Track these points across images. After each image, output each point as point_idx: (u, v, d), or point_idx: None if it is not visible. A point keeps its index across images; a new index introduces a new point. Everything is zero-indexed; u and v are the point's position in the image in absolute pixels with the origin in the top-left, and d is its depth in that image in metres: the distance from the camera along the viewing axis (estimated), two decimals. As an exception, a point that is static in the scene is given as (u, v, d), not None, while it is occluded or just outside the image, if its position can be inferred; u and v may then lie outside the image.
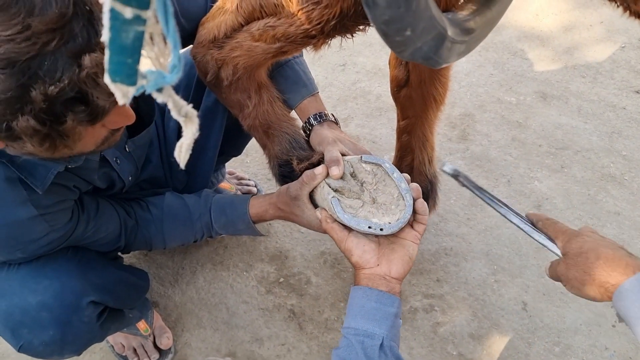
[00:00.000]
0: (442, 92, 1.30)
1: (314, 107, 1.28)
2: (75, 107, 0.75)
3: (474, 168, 1.95)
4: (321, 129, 1.24)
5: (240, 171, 1.96)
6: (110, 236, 1.25)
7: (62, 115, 0.75)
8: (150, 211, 1.32)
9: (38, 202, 1.00)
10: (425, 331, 1.58)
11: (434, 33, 0.53)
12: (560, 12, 2.55)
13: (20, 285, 1.09)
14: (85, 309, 1.13)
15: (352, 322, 0.99)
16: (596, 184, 1.90)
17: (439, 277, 1.69)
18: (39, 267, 1.10)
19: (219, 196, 1.36)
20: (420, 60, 0.57)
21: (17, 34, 0.68)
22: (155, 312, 1.59)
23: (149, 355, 1.53)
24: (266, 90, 1.21)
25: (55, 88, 0.72)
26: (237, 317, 1.63)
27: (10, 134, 0.75)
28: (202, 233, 1.34)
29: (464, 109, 2.16)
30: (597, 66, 2.31)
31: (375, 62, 2.36)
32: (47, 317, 1.08)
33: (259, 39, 0.99)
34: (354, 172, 1.11)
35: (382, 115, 2.15)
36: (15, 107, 0.72)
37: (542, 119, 2.11)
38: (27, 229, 1.02)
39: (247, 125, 1.23)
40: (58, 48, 0.71)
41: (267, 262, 1.75)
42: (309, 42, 0.97)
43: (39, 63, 0.70)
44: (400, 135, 1.45)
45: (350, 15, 0.87)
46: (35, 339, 1.09)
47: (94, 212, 1.19)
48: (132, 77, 0.33)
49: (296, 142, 1.22)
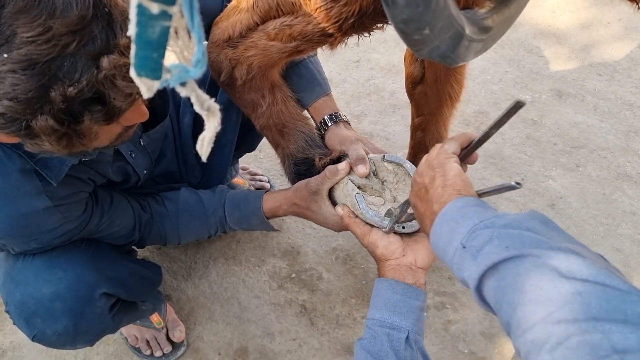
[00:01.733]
0: (458, 90, 1.30)
1: (329, 107, 1.29)
2: (93, 107, 0.77)
3: (487, 166, 1.94)
4: (338, 129, 1.25)
5: (253, 167, 1.97)
6: (125, 230, 1.26)
7: (80, 115, 0.77)
8: (165, 206, 1.33)
9: (52, 194, 1.02)
10: (436, 329, 1.58)
11: (452, 32, 0.53)
12: (577, 9, 2.53)
13: (35, 276, 1.10)
14: (97, 300, 1.15)
15: (377, 313, 0.99)
16: (611, 183, 1.88)
17: (451, 275, 1.69)
18: (53, 258, 1.11)
19: (233, 192, 1.36)
20: (437, 59, 0.57)
21: (38, 35, 0.70)
22: (168, 305, 1.60)
23: (162, 347, 1.54)
24: (279, 89, 1.21)
25: (74, 89, 0.73)
26: (248, 311, 1.64)
27: (29, 132, 0.77)
28: (216, 228, 1.35)
29: (478, 106, 2.14)
30: (615, 64, 2.28)
31: (390, 58, 2.35)
32: (60, 307, 1.10)
33: (275, 38, 0.99)
34: (376, 171, 1.13)
35: (395, 112, 2.14)
36: (35, 107, 0.73)
37: (557, 117, 2.09)
38: (42, 220, 1.04)
39: (260, 124, 1.23)
40: (77, 50, 0.72)
41: (279, 258, 1.75)
42: (326, 40, 0.96)
43: (59, 64, 0.72)
44: (415, 133, 1.44)
45: (369, 13, 0.87)
46: (49, 329, 1.11)
47: (108, 205, 1.21)
48: (157, 71, 0.33)
49: (312, 140, 1.23)
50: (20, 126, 0.75)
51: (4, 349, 1.58)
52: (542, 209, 1.81)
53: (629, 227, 1.75)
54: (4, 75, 0.71)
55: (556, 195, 1.85)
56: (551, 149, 1.99)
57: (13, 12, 0.69)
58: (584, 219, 1.78)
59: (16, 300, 1.11)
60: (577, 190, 1.87)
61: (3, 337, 1.60)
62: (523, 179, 1.90)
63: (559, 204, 1.83)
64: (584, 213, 1.80)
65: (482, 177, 1.91)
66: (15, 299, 1.11)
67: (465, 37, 0.56)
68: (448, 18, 0.50)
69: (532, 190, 1.87)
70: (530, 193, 1.86)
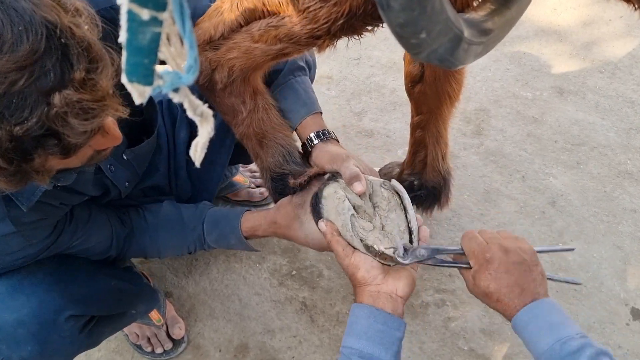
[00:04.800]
0: (457, 89, 1.30)
1: (316, 124, 1.23)
2: (47, 142, 0.73)
3: (488, 163, 1.94)
4: (326, 146, 1.18)
5: (253, 164, 1.97)
6: (101, 246, 1.23)
7: (31, 153, 0.73)
8: (146, 219, 1.31)
9: (17, 219, 0.98)
10: (436, 326, 1.58)
11: (450, 35, 0.53)
12: (578, 7, 2.52)
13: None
14: (64, 324, 1.11)
15: (356, 343, 0.94)
16: (612, 180, 1.88)
17: (451, 272, 1.69)
18: (17, 283, 1.08)
19: (214, 209, 1.33)
20: (436, 62, 0.56)
21: None
22: (168, 302, 1.61)
23: (162, 344, 1.55)
24: (261, 96, 1.16)
25: (21, 129, 0.69)
26: (249, 308, 1.65)
27: None
28: (194, 245, 1.32)
29: (479, 104, 2.14)
30: (616, 61, 2.27)
31: (390, 56, 2.35)
32: (24, 333, 1.07)
33: (259, 39, 0.95)
34: (372, 194, 1.08)
35: (396, 110, 2.14)
36: None
37: (558, 115, 2.09)
38: (3, 244, 1.01)
39: (240, 133, 1.18)
40: (27, 86, 0.68)
41: (279, 255, 1.76)
42: (313, 42, 0.93)
43: (7, 103, 0.68)
44: (414, 131, 1.44)
45: (359, 14, 0.84)
46: (15, 355, 1.07)
47: (83, 222, 1.17)
48: (148, 77, 0.34)
49: (290, 155, 1.18)
50: None
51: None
52: (542, 207, 1.81)
53: (630, 225, 1.75)
54: None
55: (557, 192, 1.85)
56: (552, 147, 1.99)
57: None
58: (584, 216, 1.78)
59: None
60: (577, 187, 1.87)
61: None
62: (524, 177, 1.90)
63: (560, 201, 1.83)
64: (585, 211, 1.80)
65: (483, 174, 1.91)
66: None
67: (464, 40, 0.56)
68: (445, 21, 0.50)
69: (533, 188, 1.87)
70: (530, 190, 1.86)
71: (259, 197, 1.87)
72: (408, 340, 1.56)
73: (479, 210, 1.82)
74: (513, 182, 1.89)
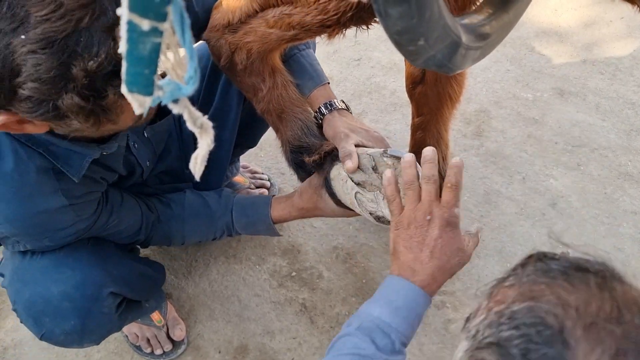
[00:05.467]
0: (458, 91, 1.30)
1: (323, 96, 1.27)
2: (115, 80, 0.77)
3: (488, 165, 1.94)
4: (332, 119, 1.23)
5: (254, 165, 1.97)
6: (131, 229, 1.27)
7: (104, 90, 0.77)
8: (171, 207, 1.34)
9: (69, 193, 1.03)
10: (436, 328, 1.58)
11: (447, 41, 0.53)
12: (579, 7, 2.51)
13: (43, 275, 1.11)
14: (105, 299, 1.15)
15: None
16: (613, 182, 1.88)
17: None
18: (61, 258, 1.12)
19: (239, 197, 1.37)
20: (434, 68, 0.56)
21: (52, 12, 0.70)
22: (169, 303, 1.61)
23: (162, 345, 1.55)
24: (280, 74, 1.21)
25: (94, 63, 0.74)
26: (249, 309, 1.65)
27: (57, 113, 0.77)
28: (222, 232, 1.37)
29: (480, 105, 2.14)
30: (617, 63, 2.27)
31: (391, 57, 2.35)
32: (69, 306, 1.11)
33: (274, 25, 0.99)
34: (376, 166, 1.11)
35: (396, 111, 2.14)
36: (59, 86, 0.74)
37: (559, 116, 2.09)
38: (56, 218, 1.05)
39: (260, 109, 1.23)
40: (91, 24, 0.73)
41: (279, 256, 1.76)
42: (324, 31, 0.97)
43: (76, 40, 0.72)
44: (415, 132, 1.44)
45: (368, 7, 0.87)
46: (57, 328, 1.12)
47: (117, 204, 1.22)
48: (149, 87, 0.33)
49: (308, 128, 1.22)
50: (48, 108, 0.76)
51: (5, 346, 1.59)
52: (543, 208, 1.81)
53: (630, 227, 1.75)
54: (24, 57, 0.71)
55: (557, 194, 1.85)
56: (552, 148, 1.99)
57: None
58: (585, 218, 1.78)
59: (25, 299, 1.12)
60: (578, 189, 1.86)
61: (4, 335, 1.61)
62: (524, 178, 1.90)
63: (560, 203, 1.83)
64: (585, 212, 1.80)
65: (483, 175, 1.91)
66: (24, 298, 1.12)
67: (462, 45, 0.56)
68: (443, 28, 0.50)
69: (533, 190, 1.87)
70: (531, 192, 1.86)
71: (258, 198, 1.87)
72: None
73: (479, 212, 1.82)
74: (513, 184, 1.89)
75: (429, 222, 0.94)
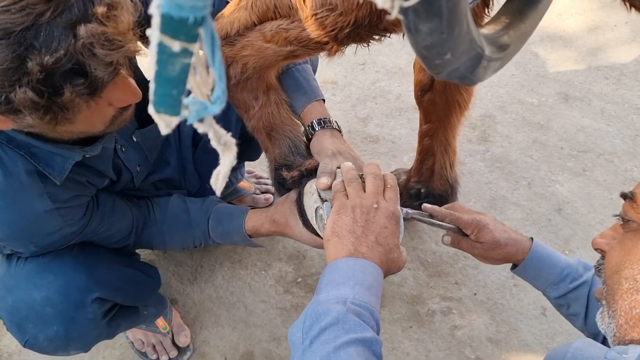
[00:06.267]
0: (467, 98, 1.29)
1: (318, 112, 1.24)
2: (74, 79, 0.76)
3: (494, 170, 1.94)
4: (323, 137, 1.19)
5: (259, 170, 1.97)
6: (121, 234, 1.26)
7: (60, 87, 0.76)
8: (154, 211, 1.32)
9: (54, 196, 1.01)
10: (443, 334, 1.58)
11: (472, 54, 0.52)
12: (584, 12, 2.51)
13: (26, 281, 1.10)
14: (89, 305, 1.13)
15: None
16: (618, 187, 1.87)
17: (457, 280, 1.68)
18: (45, 263, 1.11)
19: (220, 206, 1.34)
20: (456, 80, 0.56)
21: (12, 4, 0.70)
22: (174, 309, 1.61)
23: (168, 352, 1.54)
24: (274, 91, 1.19)
25: (51, 58, 0.72)
26: (255, 316, 1.64)
27: (10, 108, 0.76)
28: (199, 240, 1.34)
29: (485, 110, 2.14)
30: (622, 67, 2.27)
31: (396, 61, 2.35)
32: (51, 312, 1.09)
33: (271, 40, 0.97)
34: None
35: (401, 115, 2.14)
36: (12, 79, 0.72)
37: (564, 121, 2.08)
38: (43, 223, 1.04)
39: (251, 126, 1.20)
40: (53, 18, 0.72)
41: (285, 262, 1.75)
42: (321, 47, 0.95)
43: (35, 33, 0.71)
44: (422, 139, 1.44)
45: (365, 25, 0.85)
46: (40, 334, 1.10)
47: (109, 210, 1.20)
48: (176, 107, 0.33)
49: (296, 147, 1.19)
50: (0, 100, 0.74)
51: (10, 352, 1.58)
52: (549, 214, 1.81)
53: (636, 233, 1.74)
54: None
55: (563, 200, 1.85)
56: (558, 153, 1.98)
57: None
58: (590, 223, 1.78)
59: (8, 305, 1.10)
60: (583, 195, 1.86)
61: (9, 341, 1.60)
62: (530, 184, 1.89)
63: (566, 208, 1.82)
64: (591, 218, 1.79)
65: (489, 181, 1.91)
66: (7, 305, 1.10)
67: (485, 57, 0.55)
68: (470, 42, 0.50)
69: (539, 195, 1.86)
70: (536, 197, 1.86)
71: (264, 204, 1.86)
72: (414, 348, 1.55)
73: (485, 218, 1.81)
74: (519, 189, 1.88)
75: (376, 209, 0.91)
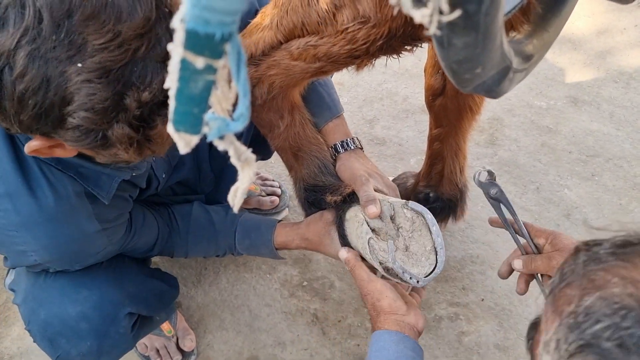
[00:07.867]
0: (479, 102, 1.27)
1: (340, 132, 1.25)
2: (162, 110, 0.76)
3: (502, 174, 1.91)
4: (349, 159, 1.21)
5: (264, 172, 1.95)
6: (147, 245, 1.26)
7: (153, 120, 0.76)
8: (177, 221, 1.33)
9: (101, 217, 1.02)
10: (449, 340, 1.56)
11: (501, 67, 0.51)
12: (593, 15, 2.49)
13: (60, 295, 1.09)
14: (122, 320, 1.14)
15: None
16: (628, 193, 1.85)
17: (465, 285, 1.67)
18: (78, 277, 1.10)
19: (245, 217, 1.35)
20: (482, 93, 0.55)
21: (109, 41, 0.68)
22: (178, 313, 1.59)
23: (172, 356, 1.53)
24: (299, 111, 1.18)
25: (149, 94, 0.72)
26: (259, 320, 1.62)
27: (105, 143, 0.75)
28: (224, 251, 1.36)
29: (493, 113, 2.11)
30: (631, 71, 2.24)
31: (403, 62, 2.30)
32: (86, 327, 1.09)
33: (298, 57, 0.95)
34: (394, 216, 1.10)
35: (408, 117, 2.12)
36: (110, 116, 0.72)
37: (572, 125, 2.06)
38: (91, 243, 1.04)
39: (276, 145, 1.20)
40: (147, 53, 0.71)
41: (290, 265, 1.73)
42: (352, 62, 0.92)
43: (131, 70, 0.71)
44: (432, 143, 1.41)
45: (399, 35, 0.83)
46: (73, 349, 1.10)
47: (139, 224, 1.20)
48: (197, 126, 0.31)
49: (325, 167, 1.21)
50: (96, 137, 0.74)
51: (12, 354, 1.57)
52: (557, 219, 1.79)
53: (646, 239, 1.72)
54: (79, 86, 0.69)
55: (572, 205, 1.83)
56: (566, 158, 1.96)
57: (82, 20, 0.67)
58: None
59: (40, 319, 1.09)
60: (592, 200, 1.84)
61: (11, 343, 1.58)
62: (538, 188, 1.87)
63: (575, 214, 1.80)
64: (600, 223, 1.77)
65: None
66: (39, 319, 1.09)
67: (512, 69, 0.54)
68: (501, 55, 0.48)
69: (547, 200, 1.84)
70: (545, 202, 1.83)
71: (269, 206, 1.84)
72: (421, 355, 1.53)
73: (493, 222, 1.79)
74: (527, 194, 1.86)
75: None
